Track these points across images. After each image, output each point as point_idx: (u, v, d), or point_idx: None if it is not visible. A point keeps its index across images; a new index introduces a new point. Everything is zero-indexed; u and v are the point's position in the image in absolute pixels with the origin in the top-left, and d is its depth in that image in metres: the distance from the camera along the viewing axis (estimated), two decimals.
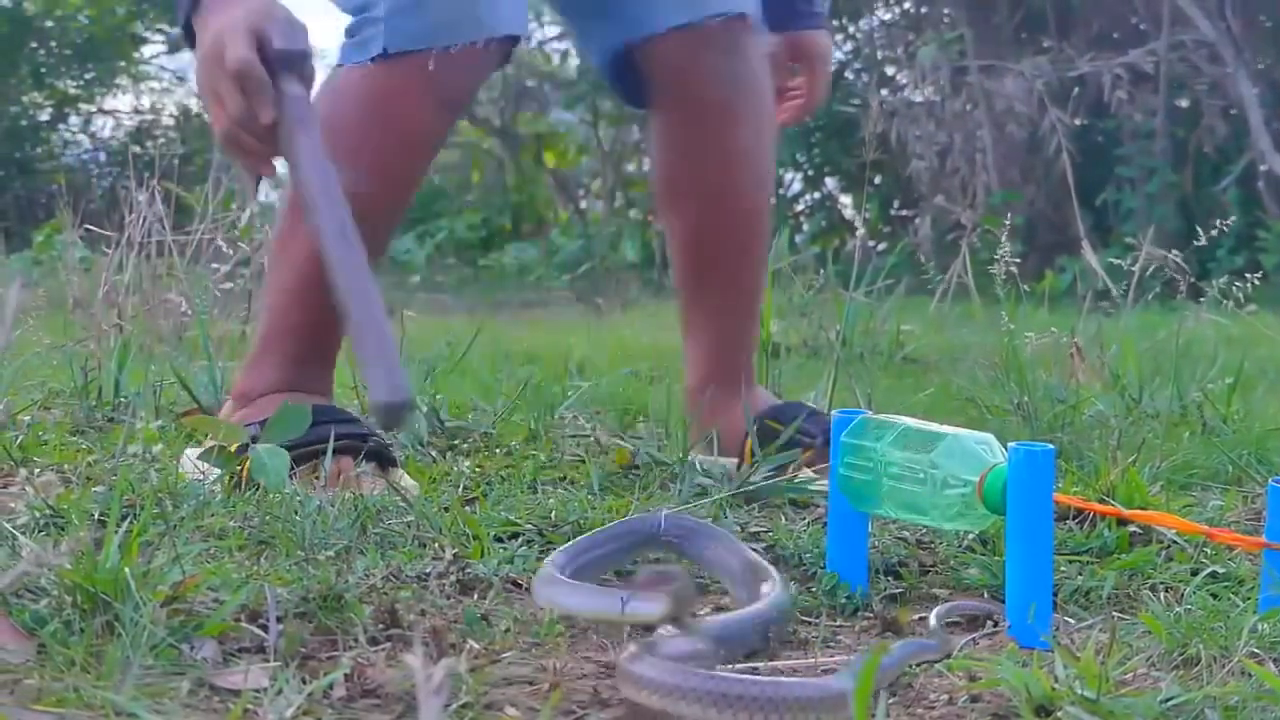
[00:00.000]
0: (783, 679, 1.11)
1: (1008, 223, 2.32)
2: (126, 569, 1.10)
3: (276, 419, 1.68)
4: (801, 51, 2.12)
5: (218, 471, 1.66)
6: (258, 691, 1.02)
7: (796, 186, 10.33)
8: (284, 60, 1.43)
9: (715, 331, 2.03)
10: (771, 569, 1.29)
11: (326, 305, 1.77)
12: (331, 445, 1.64)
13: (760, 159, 2.00)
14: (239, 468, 1.66)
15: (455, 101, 1.84)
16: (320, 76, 1.56)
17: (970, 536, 1.53)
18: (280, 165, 1.53)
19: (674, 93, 1.96)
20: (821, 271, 3.65)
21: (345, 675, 1.05)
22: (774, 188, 2.13)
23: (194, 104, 13.07)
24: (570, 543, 1.32)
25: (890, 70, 9.77)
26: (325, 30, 1.93)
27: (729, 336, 2.03)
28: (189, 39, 1.57)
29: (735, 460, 1.91)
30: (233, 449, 1.68)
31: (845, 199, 10.20)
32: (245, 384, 1.87)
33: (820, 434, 1.82)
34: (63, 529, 1.47)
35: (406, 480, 1.73)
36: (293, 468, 1.65)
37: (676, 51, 1.92)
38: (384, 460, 1.75)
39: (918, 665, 1.16)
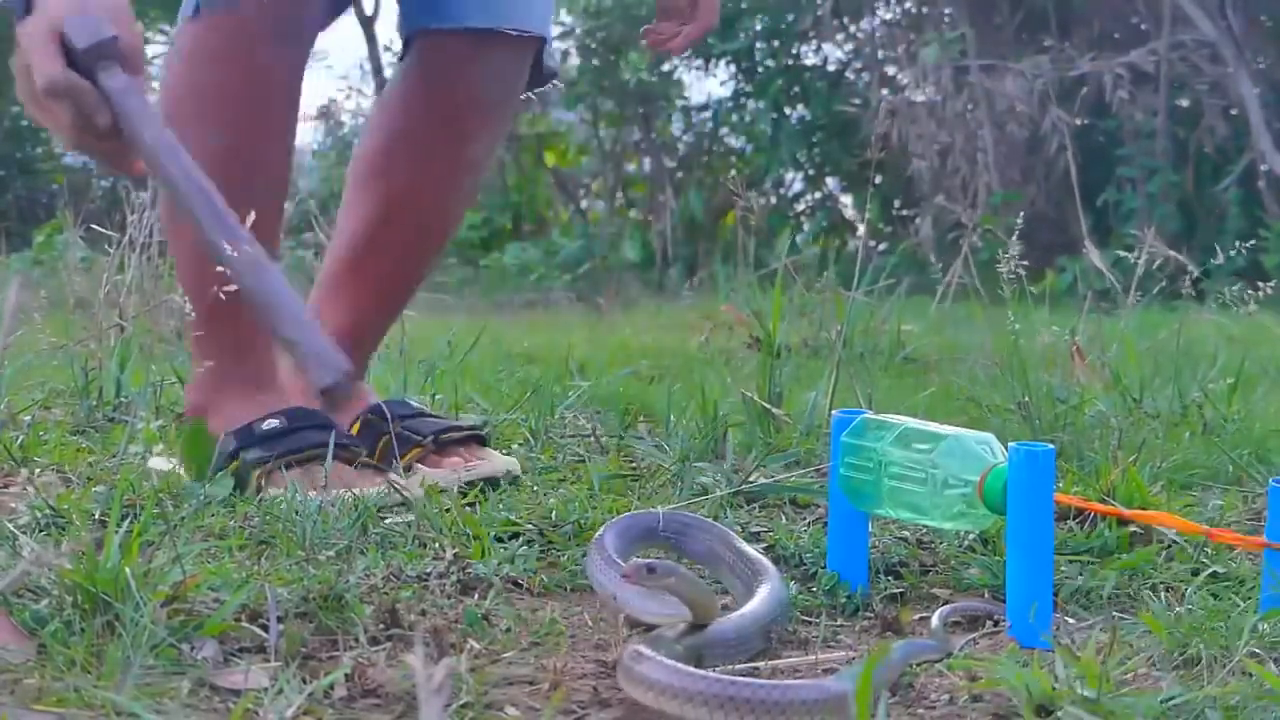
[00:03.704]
0: (784, 681, 1.11)
1: (1019, 223, 2.31)
2: (127, 569, 1.10)
3: (187, 445, 1.68)
4: None
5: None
6: (258, 691, 1.02)
7: (797, 186, 10.34)
8: (94, 56, 1.33)
9: (353, 319, 1.95)
10: (769, 564, 1.29)
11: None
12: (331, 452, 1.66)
13: (476, 173, 1.98)
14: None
15: (294, 35, 1.79)
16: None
17: (971, 536, 1.53)
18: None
19: (438, 83, 1.92)
20: (824, 273, 3.65)
21: (346, 675, 1.05)
22: (462, 217, 2.09)
23: None
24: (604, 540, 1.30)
25: (891, 70, 9.78)
26: None
27: (365, 328, 1.98)
28: None
29: None
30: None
31: (846, 199, 10.20)
32: (197, 392, 1.84)
33: (430, 433, 1.83)
34: (63, 529, 1.48)
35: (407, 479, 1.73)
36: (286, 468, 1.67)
37: (465, 48, 1.89)
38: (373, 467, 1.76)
39: (918, 665, 1.16)
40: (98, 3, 1.36)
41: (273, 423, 1.76)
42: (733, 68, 10.17)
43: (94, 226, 3.20)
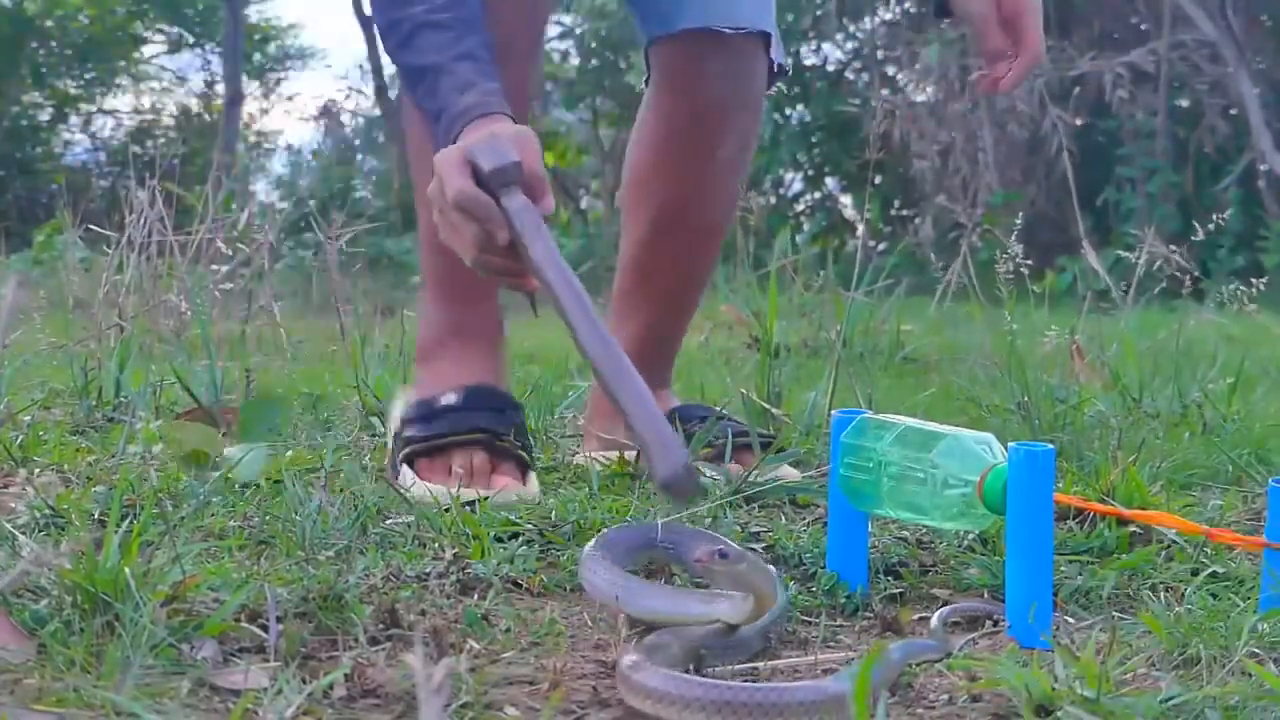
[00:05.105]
0: (781, 683, 1.11)
1: (1018, 224, 2.31)
2: (126, 569, 1.10)
3: (245, 416, 1.70)
4: (1010, 5, 1.84)
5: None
6: (258, 691, 1.02)
7: (797, 186, 10.36)
8: (497, 178, 1.46)
9: (645, 333, 2.02)
10: (766, 566, 1.29)
11: None
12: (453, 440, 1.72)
13: (733, 174, 2.01)
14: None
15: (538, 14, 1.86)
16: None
17: (970, 536, 1.53)
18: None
19: (676, 89, 1.96)
20: (822, 272, 3.65)
21: (345, 675, 1.05)
22: (733, 214, 2.15)
23: (194, 104, 13.09)
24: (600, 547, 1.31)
25: (891, 70, 9.78)
26: None
27: (658, 341, 2.04)
28: None
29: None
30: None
31: (846, 199, 10.21)
32: (422, 336, 1.93)
33: (723, 438, 1.86)
34: (63, 529, 1.48)
35: (534, 488, 1.75)
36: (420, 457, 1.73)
37: (689, 51, 1.92)
38: (520, 462, 1.77)
39: (918, 665, 1.16)
40: (509, 135, 1.50)
41: (450, 398, 1.81)
42: None
43: (93, 227, 3.20)
